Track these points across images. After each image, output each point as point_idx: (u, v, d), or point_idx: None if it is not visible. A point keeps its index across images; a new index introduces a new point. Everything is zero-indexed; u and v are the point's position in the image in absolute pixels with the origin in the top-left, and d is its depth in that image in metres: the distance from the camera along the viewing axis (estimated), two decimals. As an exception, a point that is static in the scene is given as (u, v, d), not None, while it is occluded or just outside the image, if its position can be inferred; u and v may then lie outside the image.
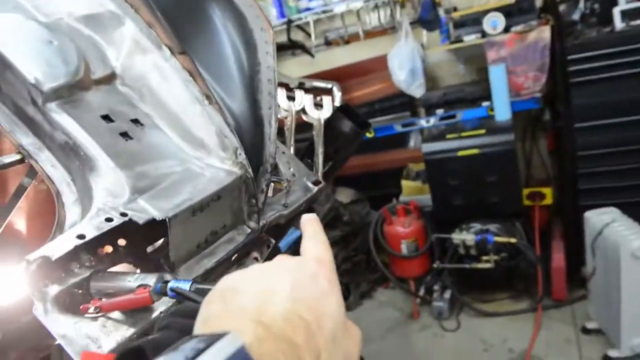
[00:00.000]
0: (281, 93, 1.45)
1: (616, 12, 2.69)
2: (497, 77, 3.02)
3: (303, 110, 1.51)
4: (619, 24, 2.69)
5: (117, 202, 0.76)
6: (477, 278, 3.17)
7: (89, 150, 0.79)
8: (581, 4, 2.99)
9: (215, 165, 0.92)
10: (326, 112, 1.49)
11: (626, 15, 2.69)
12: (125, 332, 0.70)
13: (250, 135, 0.97)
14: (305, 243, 0.52)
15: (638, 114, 2.67)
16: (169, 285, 0.69)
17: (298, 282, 0.45)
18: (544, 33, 2.90)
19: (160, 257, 0.80)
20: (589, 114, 2.77)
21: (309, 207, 1.22)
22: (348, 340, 0.46)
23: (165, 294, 0.70)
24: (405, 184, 3.60)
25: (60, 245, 0.66)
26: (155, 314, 0.74)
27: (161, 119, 0.94)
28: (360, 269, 3.65)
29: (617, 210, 2.57)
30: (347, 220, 3.62)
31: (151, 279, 0.70)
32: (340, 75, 3.94)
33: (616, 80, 2.66)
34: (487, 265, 3.00)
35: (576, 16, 3.01)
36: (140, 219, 0.74)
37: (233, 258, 0.94)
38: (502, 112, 3.07)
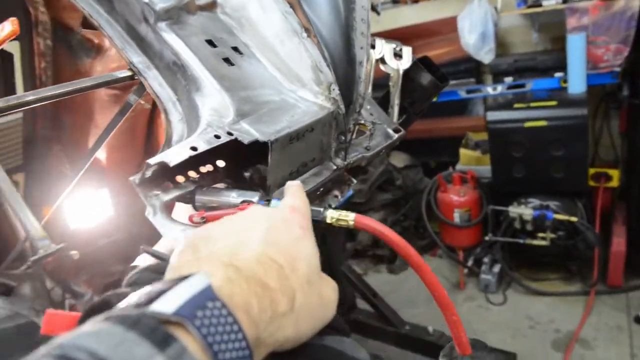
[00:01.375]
0: (363, 40, 1.43)
1: None
2: (576, 46, 2.84)
3: (382, 60, 1.48)
4: None
5: (224, 122, 0.78)
6: (530, 255, 3.11)
7: (195, 71, 0.82)
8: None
9: (308, 98, 0.92)
10: (406, 63, 1.46)
11: None
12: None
13: (342, 73, 0.97)
14: (284, 199, 0.54)
15: None
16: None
17: (271, 228, 0.45)
18: (633, 1, 2.69)
19: (257, 180, 0.83)
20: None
21: (363, 167, 1.21)
22: (325, 286, 0.46)
23: (266, 212, 0.72)
24: (463, 152, 3.52)
25: (177, 153, 0.69)
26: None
27: (258, 50, 0.95)
28: (409, 234, 3.65)
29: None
30: (400, 184, 3.60)
31: (254, 196, 0.73)
32: (406, 36, 3.83)
33: None
34: (543, 243, 2.93)
35: (673, -15, 2.76)
36: (245, 139, 0.76)
37: (319, 192, 0.96)
38: (577, 84, 2.91)
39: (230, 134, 0.76)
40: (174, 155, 0.68)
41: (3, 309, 0.84)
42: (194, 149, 0.71)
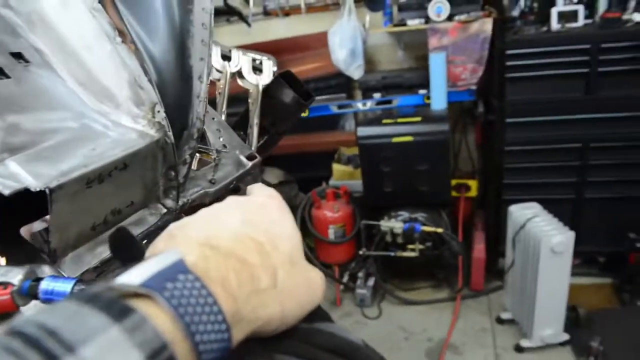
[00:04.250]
0: (215, 50, 1.24)
1: (554, 12, 2.74)
2: (437, 65, 2.98)
3: (239, 74, 1.31)
4: (555, 24, 2.74)
5: (-26, 162, 0.53)
6: (401, 266, 3.17)
7: None
8: (521, 1, 3.02)
9: (124, 123, 0.71)
10: (266, 78, 1.31)
11: (562, 16, 2.74)
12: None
13: (175, 91, 0.77)
14: (254, 193, 0.49)
15: (565, 114, 2.76)
16: (42, 285, 0.49)
17: (248, 211, 0.43)
18: (486, 25, 2.89)
19: (38, 243, 0.59)
20: (520, 110, 2.82)
21: (236, 187, 1.04)
22: (310, 269, 0.44)
23: (35, 297, 0.50)
24: (336, 167, 3.50)
25: None
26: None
27: (55, 57, 0.71)
28: (285, 253, 3.51)
29: (539, 206, 2.64)
30: (274, 201, 3.46)
31: (16, 275, 0.50)
32: (277, 49, 3.71)
33: (549, 80, 2.72)
34: (412, 254, 3.00)
35: (516, 12, 3.03)
36: (7, 187, 0.52)
37: (143, 243, 0.74)
38: (439, 101, 3.05)
39: (-18, 180, 0.52)
40: None
41: None
42: None
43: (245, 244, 0.39)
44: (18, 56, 0.68)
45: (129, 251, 0.42)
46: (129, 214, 0.71)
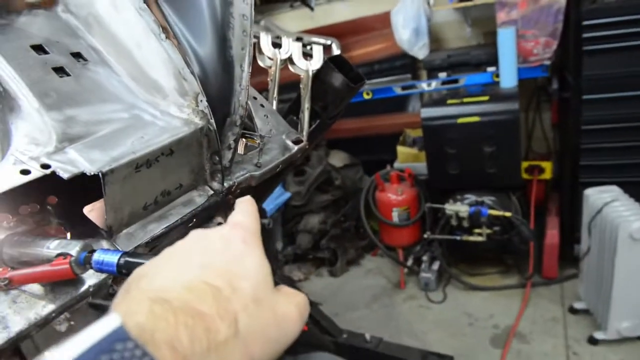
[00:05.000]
0: (266, 38, 1.28)
1: (640, -25, 2.48)
2: (506, 40, 2.82)
3: (290, 60, 1.34)
4: (641, -12, 2.49)
5: (40, 152, 0.62)
6: (467, 251, 3.09)
7: (8, 86, 0.65)
8: (602, -35, 2.76)
9: (171, 112, 0.77)
10: (316, 63, 1.33)
11: (650, -21, 2.48)
12: (41, 309, 0.58)
13: (217, 80, 0.82)
14: (230, 216, 0.48)
15: (651, 89, 2.51)
16: (94, 256, 0.56)
17: (207, 249, 0.41)
18: (560, -5, 2.69)
19: (97, 220, 0.67)
20: (598, 86, 2.60)
21: (285, 168, 1.08)
22: (281, 302, 0.42)
23: (91, 266, 0.57)
24: (400, 150, 3.46)
25: (-43, 200, 0.53)
26: (83, 289, 0.61)
27: (110, 55, 0.79)
28: (349, 235, 3.56)
29: (618, 189, 2.45)
30: (339, 184, 3.50)
31: (74, 247, 0.57)
32: (340, 32, 3.73)
33: (630, 52, 2.48)
34: (479, 239, 2.91)
35: (595, -22, 2.78)
36: (66, 172, 0.60)
37: (192, 223, 0.81)
38: (508, 78, 2.89)
39: (46, 166, 0.60)
40: (-50, 202, 0.52)
41: None
42: (-16, 191, 0.54)
43: (200, 292, 0.36)
44: (77, 55, 0.77)
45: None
46: (178, 195, 0.78)
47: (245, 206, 0.49)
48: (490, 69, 3.09)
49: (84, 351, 0.29)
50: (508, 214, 2.82)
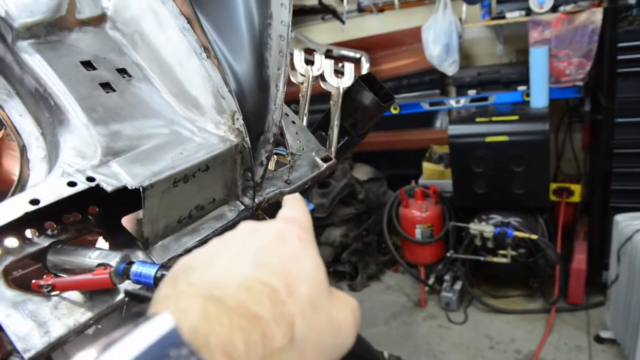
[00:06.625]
0: (299, 55, 1.31)
1: (680, -2, 2.44)
2: (538, 60, 2.80)
3: (322, 77, 1.36)
4: (680, 12, 2.44)
5: (86, 164, 0.65)
6: (491, 272, 3.04)
7: (60, 100, 0.68)
8: (640, -12, 2.72)
9: (208, 129, 0.80)
10: (347, 81, 1.34)
11: (690, 3, 2.43)
12: (80, 316, 0.60)
13: (253, 99, 0.85)
14: (279, 212, 0.45)
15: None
16: (133, 268, 0.58)
17: (261, 246, 0.38)
18: (596, 16, 2.66)
19: (134, 231, 0.70)
20: (632, 109, 2.55)
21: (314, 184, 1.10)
22: (337, 307, 0.38)
23: (128, 277, 0.59)
24: (426, 166, 3.44)
25: (9, 210, 0.56)
26: (118, 298, 0.64)
27: (152, 71, 0.82)
28: (371, 250, 3.54)
29: (651, 216, 2.38)
30: (362, 198, 3.50)
31: (114, 258, 0.60)
32: (370, 45, 3.76)
33: (669, 75, 2.43)
34: (503, 260, 2.86)
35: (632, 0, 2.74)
36: (110, 185, 0.63)
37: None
38: (539, 98, 2.86)
39: (91, 179, 0.63)
40: (4, 212, 0.55)
41: None
42: (34, 202, 0.57)
43: (257, 292, 0.33)
44: (122, 71, 0.80)
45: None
46: (210, 210, 0.80)
47: (294, 202, 0.46)
48: (521, 87, 3.06)
49: (137, 356, 0.26)
50: (534, 236, 2.77)
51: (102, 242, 0.72)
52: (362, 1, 3.77)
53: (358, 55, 3.73)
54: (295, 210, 0.44)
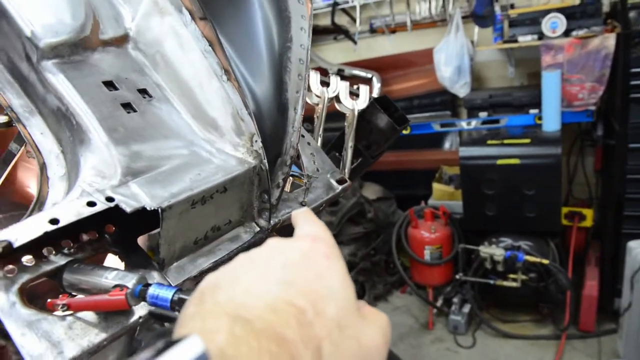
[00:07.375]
0: (315, 77, 1.32)
1: (694, 26, 2.44)
2: (551, 83, 2.80)
3: (337, 98, 1.37)
4: (695, 39, 2.44)
5: (106, 184, 0.65)
6: (501, 296, 3.00)
7: (81, 119, 0.69)
8: (654, 14, 2.72)
9: (226, 151, 0.80)
10: (362, 103, 1.35)
11: None
12: (94, 337, 0.59)
13: (272, 121, 0.85)
14: (297, 229, 0.44)
15: None
16: (150, 290, 0.58)
17: (288, 264, 0.37)
18: (609, 41, 2.67)
19: (150, 252, 0.69)
20: (646, 135, 2.54)
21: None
22: (365, 327, 0.37)
23: (144, 299, 0.59)
24: (436, 187, 3.43)
25: (28, 229, 0.56)
26: (133, 319, 0.63)
27: (173, 92, 0.83)
28: (379, 270, 3.52)
29: (665, 244, 2.35)
30: (371, 217, 3.49)
31: (131, 280, 0.59)
32: (382, 66, 3.79)
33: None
34: (513, 284, 2.82)
35: (646, 26, 2.74)
36: (129, 206, 0.63)
37: (235, 258, 0.82)
38: (551, 122, 2.86)
39: (110, 199, 0.63)
40: (24, 231, 0.55)
41: None
42: (54, 221, 0.57)
43: (284, 314, 0.32)
44: (143, 92, 0.81)
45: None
46: (226, 231, 0.80)
47: (311, 216, 0.44)
48: (533, 111, 3.06)
49: None
50: (545, 260, 2.73)
51: (115, 261, 0.72)
52: (374, 22, 3.81)
53: (369, 75, 3.76)
54: (316, 227, 0.43)
